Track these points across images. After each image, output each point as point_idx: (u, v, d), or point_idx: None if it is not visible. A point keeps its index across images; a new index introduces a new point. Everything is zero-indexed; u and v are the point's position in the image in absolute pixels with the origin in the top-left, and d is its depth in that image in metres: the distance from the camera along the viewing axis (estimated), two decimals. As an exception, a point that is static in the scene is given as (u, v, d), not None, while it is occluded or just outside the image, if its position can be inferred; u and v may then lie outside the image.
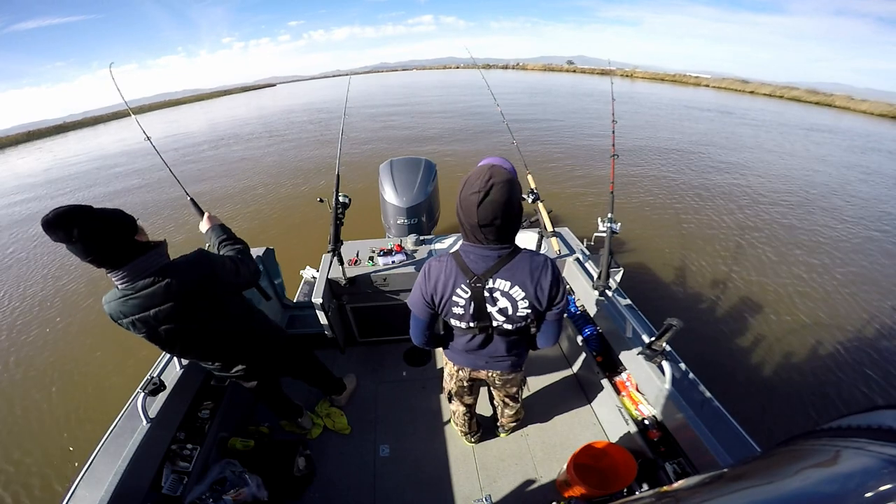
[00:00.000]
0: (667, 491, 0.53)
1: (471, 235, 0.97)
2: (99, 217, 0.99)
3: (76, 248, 0.96)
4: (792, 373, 2.92)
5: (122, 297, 1.06)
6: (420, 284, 1.08)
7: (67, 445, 2.66)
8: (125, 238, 1.04)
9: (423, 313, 1.11)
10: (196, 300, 1.16)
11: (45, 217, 0.92)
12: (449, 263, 1.03)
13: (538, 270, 0.99)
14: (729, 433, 1.23)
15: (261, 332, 1.45)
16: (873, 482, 0.27)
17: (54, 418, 2.89)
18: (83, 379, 3.23)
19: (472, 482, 1.71)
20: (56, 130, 30.12)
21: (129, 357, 3.27)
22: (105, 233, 0.98)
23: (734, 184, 6.87)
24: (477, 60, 3.95)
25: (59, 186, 10.15)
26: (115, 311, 1.08)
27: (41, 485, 2.43)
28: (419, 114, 16.14)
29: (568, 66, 59.88)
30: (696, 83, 33.14)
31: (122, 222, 1.04)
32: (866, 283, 4.00)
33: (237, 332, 1.35)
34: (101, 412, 2.86)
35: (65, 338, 3.77)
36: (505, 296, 1.01)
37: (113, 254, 1.02)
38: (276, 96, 41.34)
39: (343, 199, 2.05)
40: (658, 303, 3.62)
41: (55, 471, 2.50)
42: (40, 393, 3.12)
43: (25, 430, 2.83)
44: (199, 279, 1.15)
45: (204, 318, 1.21)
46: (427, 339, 1.23)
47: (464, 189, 0.91)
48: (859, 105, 19.59)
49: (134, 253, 1.05)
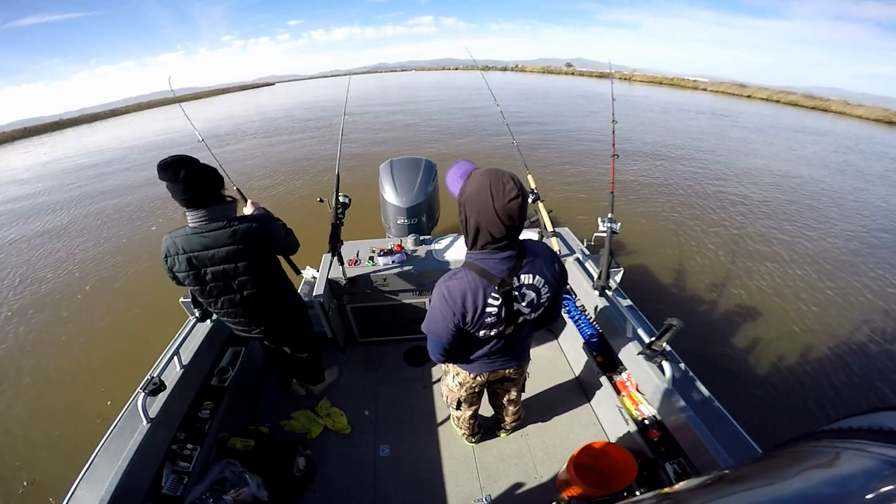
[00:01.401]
0: (668, 492, 0.53)
1: (490, 244, 0.95)
2: (200, 167, 1.28)
3: (178, 187, 1.23)
4: (792, 373, 2.93)
5: (193, 233, 1.29)
6: (442, 309, 1.00)
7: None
8: (214, 187, 1.32)
9: (448, 335, 1.05)
10: (253, 246, 1.38)
11: (162, 161, 1.22)
12: (470, 276, 0.98)
13: (547, 253, 1.05)
14: (729, 433, 1.24)
15: (284, 298, 1.65)
16: (874, 483, 0.27)
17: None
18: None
19: (472, 482, 1.72)
20: (53, 127, 30.00)
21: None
22: (202, 179, 1.27)
23: (731, 183, 6.90)
24: (476, 62, 3.95)
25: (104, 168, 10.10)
26: (174, 245, 1.30)
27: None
28: (419, 114, 16.11)
29: (567, 69, 59.86)
30: (694, 87, 33.19)
31: (216, 175, 1.33)
32: (867, 282, 4.02)
33: (268, 289, 1.54)
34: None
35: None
36: (531, 288, 1.02)
37: (202, 196, 1.28)
38: (274, 95, 41.23)
39: (343, 199, 2.05)
40: (658, 303, 3.62)
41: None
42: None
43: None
44: (260, 229, 1.39)
45: (252, 265, 1.41)
46: (453, 355, 1.19)
47: (496, 199, 0.86)
48: (855, 110, 19.68)
49: (217, 200, 1.33)
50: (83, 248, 5.69)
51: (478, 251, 0.98)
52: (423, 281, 2.14)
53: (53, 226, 6.77)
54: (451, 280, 1.00)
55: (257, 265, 1.43)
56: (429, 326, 1.08)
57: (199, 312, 1.78)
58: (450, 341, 1.08)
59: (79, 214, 7.22)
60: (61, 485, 2.56)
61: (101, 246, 5.65)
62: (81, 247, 5.72)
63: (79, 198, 8.31)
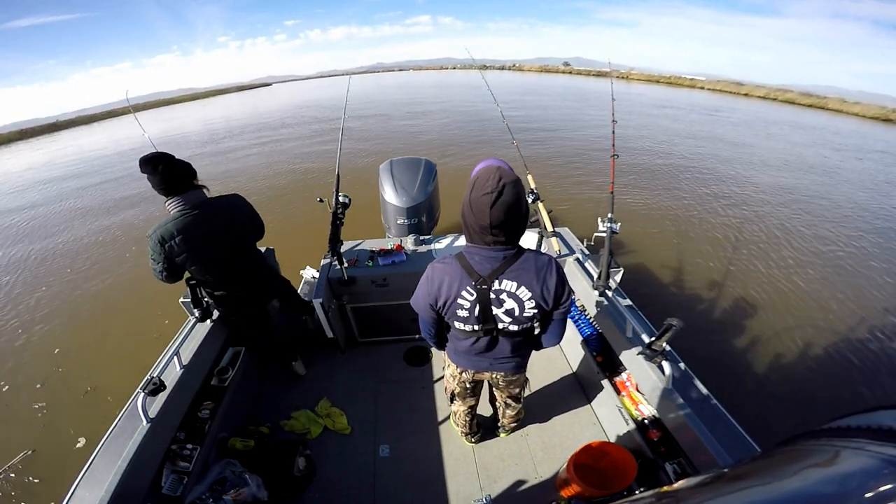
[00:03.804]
0: (667, 491, 0.54)
1: (477, 237, 0.96)
2: (174, 161, 1.47)
3: (156, 178, 1.42)
4: (792, 372, 2.93)
5: (180, 215, 1.46)
6: (423, 286, 1.07)
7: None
8: (187, 178, 1.51)
9: (427, 314, 1.11)
10: (238, 217, 1.63)
11: (143, 157, 1.42)
12: (453, 265, 1.02)
13: (544, 270, 1.00)
14: (729, 433, 1.24)
15: (267, 275, 1.88)
16: (873, 482, 0.27)
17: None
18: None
19: (472, 482, 1.72)
20: (49, 129, 29.90)
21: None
22: (176, 170, 1.47)
23: (731, 183, 6.91)
24: (475, 61, 3.95)
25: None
26: (167, 231, 1.44)
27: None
28: (418, 113, 16.11)
29: (564, 68, 59.83)
30: (692, 85, 33.27)
31: (189, 168, 1.52)
32: (867, 283, 4.03)
33: (260, 256, 1.83)
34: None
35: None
36: (512, 297, 1.01)
37: (178, 184, 1.47)
38: (273, 96, 41.18)
39: (343, 199, 2.05)
40: (658, 303, 3.63)
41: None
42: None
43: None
44: (235, 197, 1.66)
45: (242, 231, 1.66)
46: (435, 337, 1.24)
47: (473, 190, 0.90)
48: (852, 108, 19.73)
49: (191, 187, 1.52)
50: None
51: (469, 244, 1.01)
52: None
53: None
54: (439, 263, 1.06)
55: (247, 232, 1.69)
56: (414, 301, 1.13)
57: (199, 312, 1.79)
58: (428, 322, 1.15)
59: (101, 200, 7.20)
60: (117, 389, 2.93)
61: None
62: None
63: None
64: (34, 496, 2.35)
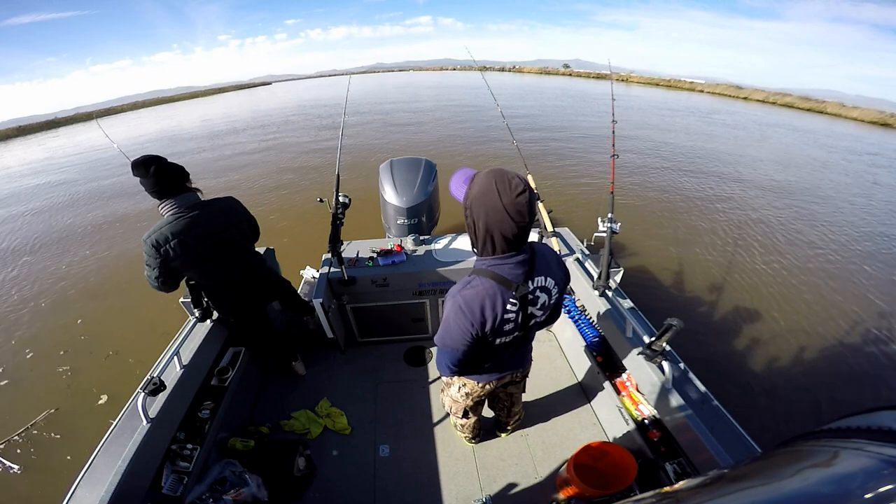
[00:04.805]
0: (668, 492, 0.54)
1: (509, 245, 0.89)
2: (166, 164, 1.45)
3: (149, 181, 1.40)
4: (792, 373, 2.94)
5: (175, 218, 1.43)
6: (458, 320, 0.94)
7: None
8: (180, 180, 1.48)
9: (467, 347, 0.99)
10: (232, 220, 1.60)
11: (134, 160, 1.40)
12: (488, 284, 0.92)
13: (554, 255, 1.04)
14: (729, 433, 1.24)
15: (267, 277, 1.88)
16: (872, 483, 0.27)
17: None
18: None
19: (472, 482, 1.72)
20: (47, 126, 29.81)
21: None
22: (168, 173, 1.43)
23: (731, 183, 6.92)
24: (476, 62, 3.95)
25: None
26: (162, 235, 1.41)
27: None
28: (418, 113, 16.11)
29: (564, 70, 59.77)
30: (691, 88, 33.20)
31: (181, 170, 1.49)
32: (868, 282, 4.04)
33: (257, 256, 1.82)
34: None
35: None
36: (543, 290, 1.01)
37: (170, 187, 1.44)
38: (273, 95, 41.12)
39: (343, 199, 2.05)
40: (658, 303, 3.63)
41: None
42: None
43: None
44: (230, 199, 1.64)
45: (238, 232, 1.63)
46: (471, 364, 1.13)
47: (503, 196, 0.83)
48: (850, 112, 19.69)
49: (184, 190, 1.49)
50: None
51: (489, 257, 0.93)
52: (423, 281, 2.14)
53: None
54: (466, 289, 0.93)
55: (243, 234, 1.67)
56: (443, 340, 1.01)
57: (199, 312, 1.79)
58: (465, 353, 1.02)
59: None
60: (138, 354, 3.17)
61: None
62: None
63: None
64: (51, 452, 2.43)
